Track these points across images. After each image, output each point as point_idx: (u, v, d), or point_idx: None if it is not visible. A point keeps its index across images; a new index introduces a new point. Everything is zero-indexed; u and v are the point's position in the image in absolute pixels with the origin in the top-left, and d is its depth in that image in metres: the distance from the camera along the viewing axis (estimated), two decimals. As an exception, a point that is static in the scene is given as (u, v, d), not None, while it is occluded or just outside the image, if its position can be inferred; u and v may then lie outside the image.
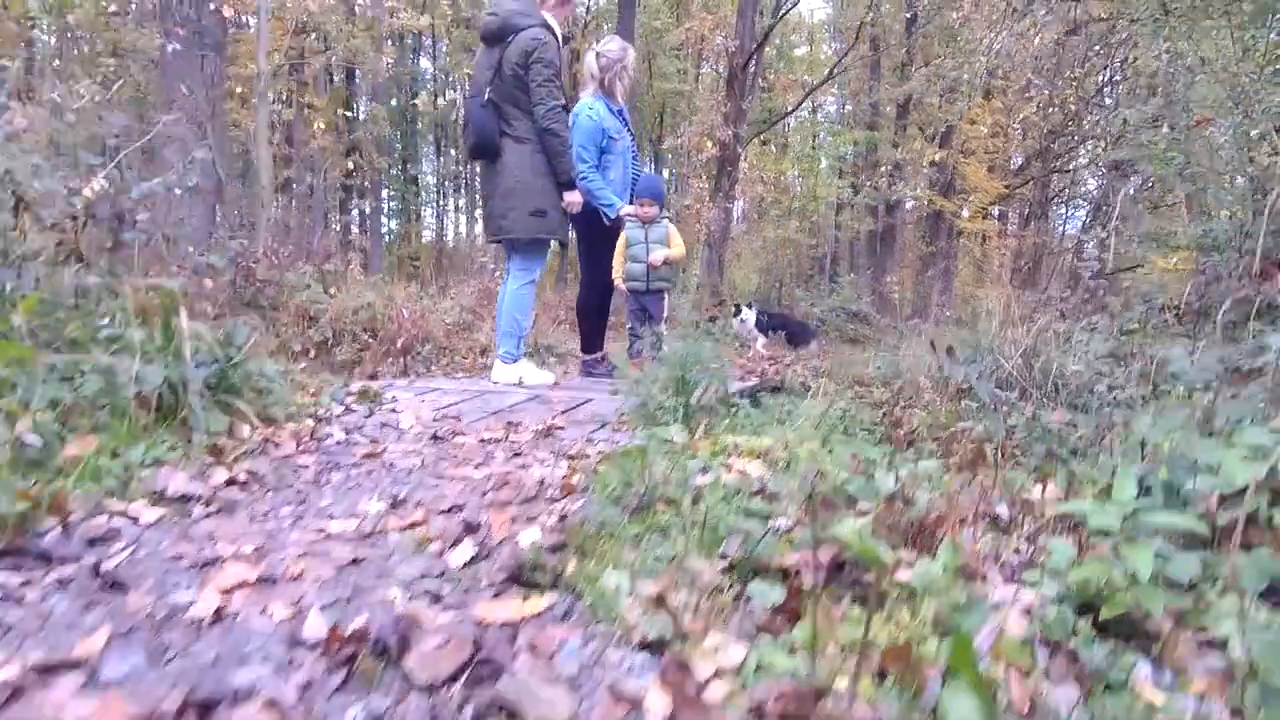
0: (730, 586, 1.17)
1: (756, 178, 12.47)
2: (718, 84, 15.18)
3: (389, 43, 16.48)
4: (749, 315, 7.14)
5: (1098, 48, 10.89)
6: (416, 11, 16.06)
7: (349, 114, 17.85)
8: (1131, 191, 20.32)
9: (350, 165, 17.63)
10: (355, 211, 19.20)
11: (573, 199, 3.12)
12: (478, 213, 21.21)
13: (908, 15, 19.07)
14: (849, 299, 15.12)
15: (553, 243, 3.43)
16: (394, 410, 2.75)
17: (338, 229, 17.94)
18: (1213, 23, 3.98)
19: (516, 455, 2.19)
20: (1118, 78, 10.38)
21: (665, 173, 25.42)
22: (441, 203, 29.18)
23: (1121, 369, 3.22)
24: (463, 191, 27.09)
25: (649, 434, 2.01)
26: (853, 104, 21.12)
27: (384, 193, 23.82)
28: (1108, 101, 10.42)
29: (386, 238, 26.14)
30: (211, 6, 5.40)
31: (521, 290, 3.18)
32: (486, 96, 3.04)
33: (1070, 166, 22.99)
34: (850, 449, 1.85)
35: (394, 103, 21.74)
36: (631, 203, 3.53)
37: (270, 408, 2.16)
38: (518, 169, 3.04)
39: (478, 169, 3.39)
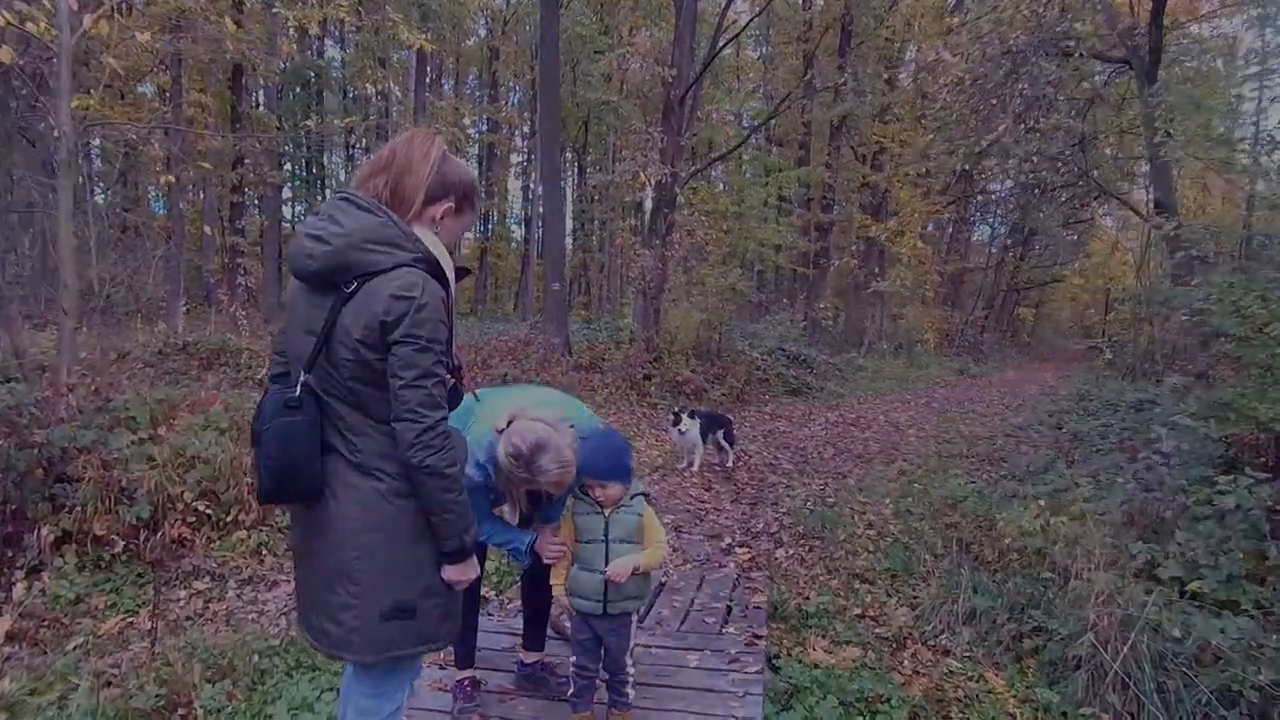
0: None
1: (696, 221, 11.47)
2: (646, 109, 14.16)
3: (286, 37, 14.44)
4: (690, 426, 6.13)
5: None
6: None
7: (235, 122, 15.69)
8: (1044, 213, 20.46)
9: (236, 178, 15.40)
10: (244, 231, 17.14)
11: (460, 576, 1.60)
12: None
13: (840, 35, 18.56)
14: (787, 334, 14.48)
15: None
16: None
17: (224, 253, 15.95)
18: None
19: None
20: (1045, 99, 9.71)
21: (592, 199, 24.21)
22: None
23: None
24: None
25: None
26: (783, 122, 20.54)
27: (285, 189, 21.57)
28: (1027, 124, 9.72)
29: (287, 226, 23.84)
30: (-19, 50, 3.95)
31: None
32: (299, 387, 1.50)
33: (991, 188, 23.30)
34: None
35: (296, 92, 19.52)
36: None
37: None
38: (358, 528, 1.50)
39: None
